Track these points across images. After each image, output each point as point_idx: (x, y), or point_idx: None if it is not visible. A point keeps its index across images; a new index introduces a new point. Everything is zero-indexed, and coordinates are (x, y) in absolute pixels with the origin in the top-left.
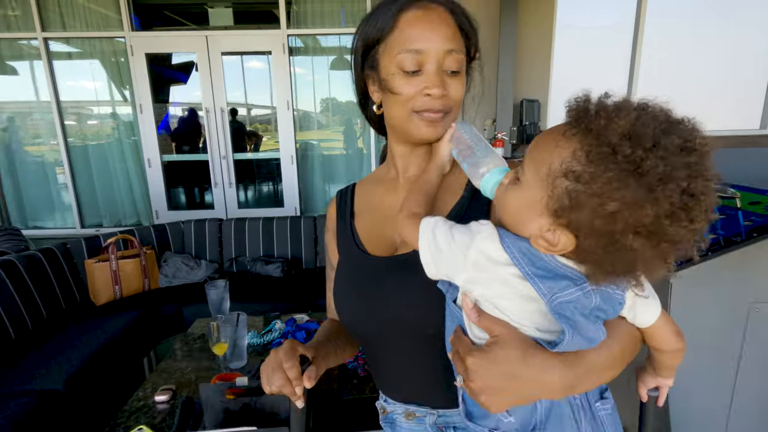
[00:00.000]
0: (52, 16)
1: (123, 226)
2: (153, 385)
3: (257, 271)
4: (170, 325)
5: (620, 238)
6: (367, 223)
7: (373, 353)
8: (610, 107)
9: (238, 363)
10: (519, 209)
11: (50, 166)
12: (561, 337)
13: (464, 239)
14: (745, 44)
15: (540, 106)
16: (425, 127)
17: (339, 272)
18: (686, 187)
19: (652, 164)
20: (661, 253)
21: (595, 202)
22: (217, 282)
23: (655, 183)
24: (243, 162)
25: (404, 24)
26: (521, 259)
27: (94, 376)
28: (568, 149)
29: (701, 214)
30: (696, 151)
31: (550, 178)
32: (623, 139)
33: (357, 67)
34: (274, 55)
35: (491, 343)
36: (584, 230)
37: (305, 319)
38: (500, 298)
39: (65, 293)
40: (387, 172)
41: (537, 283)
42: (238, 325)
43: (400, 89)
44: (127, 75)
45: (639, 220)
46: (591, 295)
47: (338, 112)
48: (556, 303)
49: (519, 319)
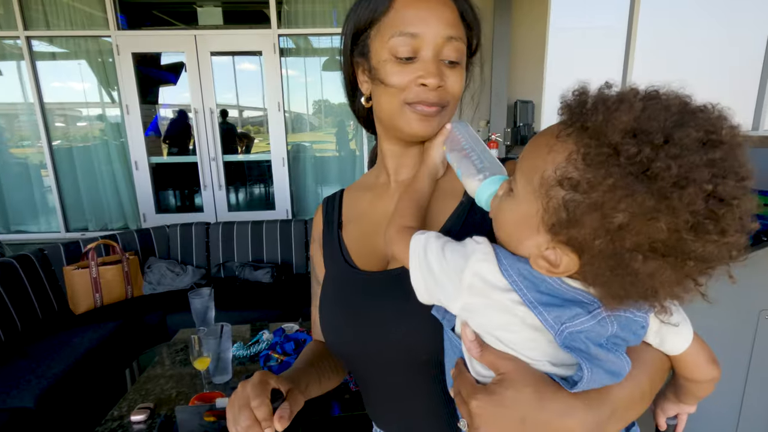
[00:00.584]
0: (34, 14)
1: (109, 229)
2: (130, 403)
3: (246, 276)
4: (154, 335)
5: (631, 258)
6: (355, 233)
7: (361, 379)
8: (610, 99)
9: (223, 377)
10: (514, 225)
11: (34, 169)
12: (579, 374)
13: (458, 261)
14: (737, 46)
15: (534, 107)
16: (417, 121)
17: (325, 288)
18: (712, 190)
19: (664, 165)
20: (689, 273)
21: (596, 214)
22: (202, 290)
23: (669, 188)
24: (233, 164)
25: (400, 4)
26: (522, 284)
27: (69, 391)
28: (562, 153)
29: (735, 223)
30: (723, 145)
31: (543, 188)
32: (626, 137)
33: (346, 54)
34: (265, 56)
35: (498, 382)
36: (587, 249)
37: (295, 328)
38: (502, 329)
39: (42, 302)
40: (377, 177)
41: (542, 312)
42: (222, 338)
43: (392, 78)
44: (113, 75)
45: (653, 235)
46: (606, 322)
47: (330, 113)
48: (565, 334)
49: (527, 352)
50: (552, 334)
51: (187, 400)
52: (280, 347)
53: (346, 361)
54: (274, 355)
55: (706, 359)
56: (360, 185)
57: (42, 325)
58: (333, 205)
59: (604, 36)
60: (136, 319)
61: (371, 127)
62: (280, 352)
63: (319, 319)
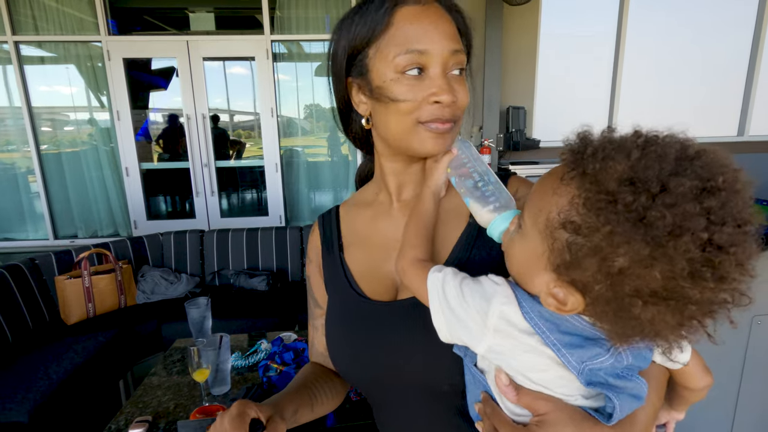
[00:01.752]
0: (23, 19)
1: (99, 237)
2: (127, 416)
3: (241, 284)
4: (148, 345)
5: (631, 303)
6: (359, 257)
7: (377, 407)
8: (609, 146)
9: (221, 389)
10: (524, 262)
11: (22, 175)
12: (610, 405)
13: (479, 302)
14: (723, 54)
15: (526, 113)
16: (432, 140)
17: (331, 316)
18: (708, 238)
19: (659, 214)
20: (690, 316)
21: (596, 258)
22: (198, 300)
23: (664, 237)
24: (225, 170)
25: (401, 20)
26: (544, 326)
27: (63, 404)
28: (565, 197)
29: (733, 270)
30: (720, 192)
31: (548, 230)
32: (623, 185)
33: (339, 75)
34: (258, 61)
35: (539, 423)
36: (590, 291)
37: (293, 337)
38: (533, 370)
39: (33, 313)
40: (376, 194)
41: (564, 354)
42: (221, 348)
43: (403, 96)
44: (103, 80)
45: (650, 282)
46: (622, 357)
47: (322, 118)
48: (586, 372)
49: (559, 389)
50: (575, 374)
51: (186, 412)
52: (279, 357)
53: (360, 388)
54: (273, 365)
55: (701, 368)
56: (358, 202)
57: (33, 336)
58: (330, 224)
59: (593, 43)
60: (130, 328)
61: (366, 146)
62: (279, 362)
63: (329, 347)
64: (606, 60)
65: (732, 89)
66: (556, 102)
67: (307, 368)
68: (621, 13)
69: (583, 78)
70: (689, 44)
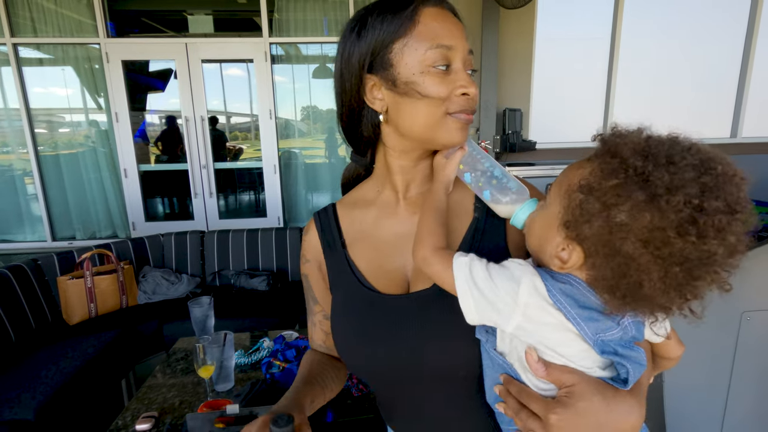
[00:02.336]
0: (22, 21)
1: (97, 238)
2: (133, 413)
3: (241, 284)
4: (150, 344)
5: (625, 260)
6: (365, 254)
7: (389, 398)
8: (634, 131)
9: (225, 385)
10: (541, 229)
11: (19, 177)
12: (624, 371)
13: (508, 283)
14: (716, 56)
15: (522, 114)
16: (459, 130)
17: (340, 312)
18: (697, 203)
19: (660, 175)
20: (674, 280)
21: (603, 214)
22: (201, 299)
23: (661, 192)
24: (223, 171)
25: (427, 18)
26: (566, 302)
27: (68, 402)
28: (588, 168)
29: (713, 234)
30: (717, 176)
31: (567, 193)
32: (636, 155)
33: (355, 72)
34: (256, 64)
35: (568, 394)
36: (592, 243)
37: (294, 336)
38: (561, 344)
39: (35, 313)
40: (378, 192)
41: (582, 327)
42: (225, 345)
43: (435, 89)
44: (102, 82)
45: (642, 229)
46: (628, 330)
47: (319, 120)
48: (599, 342)
49: (581, 362)
50: (590, 344)
51: (191, 409)
52: (281, 354)
53: (371, 380)
54: (276, 362)
55: (677, 341)
56: (357, 200)
57: (36, 336)
58: (328, 221)
59: (589, 46)
60: (132, 328)
61: (367, 146)
62: (282, 359)
63: (338, 342)
64: (601, 63)
65: (725, 92)
66: (552, 104)
67: (310, 356)
68: (615, 16)
69: (579, 80)
70: (683, 47)
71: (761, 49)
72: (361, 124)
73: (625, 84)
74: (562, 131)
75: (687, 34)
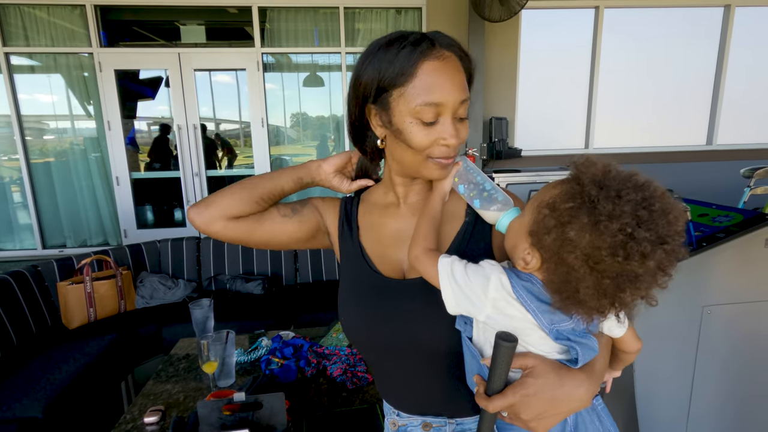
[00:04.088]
0: (14, 30)
1: (89, 246)
2: (140, 407)
3: (237, 289)
4: (149, 347)
5: (570, 263)
6: (371, 241)
7: (385, 371)
8: (599, 165)
9: (227, 381)
10: (516, 235)
11: (7, 185)
12: (575, 354)
13: (481, 280)
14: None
15: (508, 123)
16: (438, 170)
17: (347, 287)
18: (630, 231)
19: (605, 205)
20: (604, 290)
21: (557, 227)
22: (202, 301)
23: (603, 218)
24: (215, 178)
25: (424, 74)
26: (527, 297)
27: (72, 401)
28: (558, 189)
29: (638, 259)
30: (653, 213)
31: (538, 208)
32: (592, 184)
33: (359, 98)
34: (249, 73)
35: (528, 375)
36: (547, 251)
37: (291, 335)
38: (523, 333)
39: (36, 317)
40: (385, 194)
41: (540, 318)
42: (227, 343)
43: (418, 140)
44: (94, 90)
45: (584, 247)
46: (580, 322)
47: (309, 127)
48: (555, 331)
49: (541, 347)
50: (547, 332)
51: (195, 403)
52: (279, 352)
53: (371, 352)
54: (274, 359)
55: (634, 337)
56: (371, 200)
57: (37, 340)
58: (351, 209)
59: (571, 57)
60: (131, 332)
61: (375, 157)
62: (280, 356)
63: (343, 315)
64: (583, 73)
65: (701, 101)
66: (536, 113)
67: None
68: (596, 29)
69: (562, 90)
70: (660, 60)
71: (733, 62)
72: (365, 141)
73: (606, 94)
74: (547, 139)
75: (663, 48)
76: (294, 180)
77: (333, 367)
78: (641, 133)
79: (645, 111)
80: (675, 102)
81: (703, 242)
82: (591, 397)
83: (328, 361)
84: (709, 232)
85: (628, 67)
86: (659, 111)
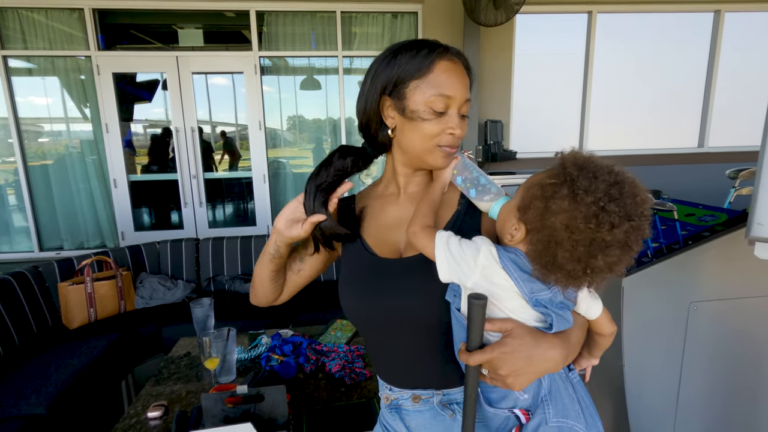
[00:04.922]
0: (12, 33)
1: (86, 248)
2: (143, 403)
3: (236, 289)
4: (149, 347)
5: (550, 229)
6: (372, 228)
7: (380, 347)
8: (583, 154)
9: (228, 377)
10: (505, 215)
11: (5, 187)
12: (549, 321)
13: (472, 251)
14: (683, 71)
15: (503, 126)
16: (443, 158)
17: (347, 271)
18: (602, 205)
19: (582, 181)
20: (578, 255)
21: (541, 200)
22: (202, 300)
23: (580, 192)
24: (212, 181)
25: (440, 70)
26: (511, 267)
27: (75, 399)
28: (546, 173)
29: (607, 228)
30: (623, 192)
31: (526, 188)
32: (574, 166)
33: (376, 92)
34: (246, 76)
35: (506, 336)
36: (531, 222)
37: (290, 333)
38: (506, 299)
39: (37, 317)
40: (386, 187)
41: (522, 286)
42: (228, 340)
43: (430, 126)
44: (92, 93)
45: (563, 215)
46: (557, 293)
47: (306, 130)
48: (534, 299)
49: (521, 314)
50: (527, 300)
51: (197, 398)
52: (278, 349)
53: (369, 328)
54: (274, 356)
55: (608, 319)
56: (370, 194)
57: (38, 340)
58: (348, 208)
59: (565, 61)
60: (132, 331)
61: (382, 151)
62: (279, 353)
63: (343, 297)
64: (577, 77)
65: (693, 105)
66: (531, 116)
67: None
68: (589, 33)
69: (556, 93)
70: (652, 63)
71: (723, 66)
72: (378, 134)
73: (599, 97)
74: (542, 141)
75: (655, 52)
76: (271, 259)
77: (331, 363)
78: (634, 136)
79: (638, 114)
80: (667, 105)
81: (690, 241)
82: (564, 361)
83: (326, 357)
84: (695, 230)
85: (621, 71)
86: (652, 114)
